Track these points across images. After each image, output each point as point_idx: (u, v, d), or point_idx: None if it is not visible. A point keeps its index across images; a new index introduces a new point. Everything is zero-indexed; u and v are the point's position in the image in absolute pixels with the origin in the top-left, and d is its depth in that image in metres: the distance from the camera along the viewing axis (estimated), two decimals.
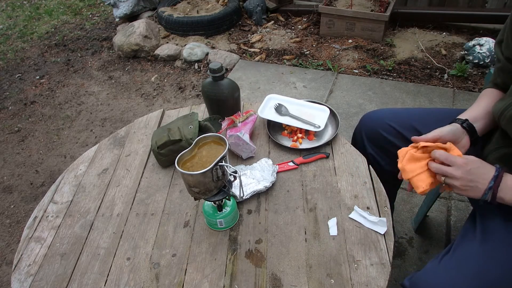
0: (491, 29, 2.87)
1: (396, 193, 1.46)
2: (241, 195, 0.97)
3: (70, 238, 1.00)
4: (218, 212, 0.95)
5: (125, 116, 2.54)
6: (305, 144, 1.20)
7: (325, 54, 2.87)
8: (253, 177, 1.07)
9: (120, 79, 2.91)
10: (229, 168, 0.87)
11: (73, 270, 0.93)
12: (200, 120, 1.17)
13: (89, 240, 0.99)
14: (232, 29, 3.22)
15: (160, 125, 1.34)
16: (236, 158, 1.18)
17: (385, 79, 2.59)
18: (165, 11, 3.20)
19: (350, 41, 2.95)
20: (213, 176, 0.83)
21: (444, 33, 2.94)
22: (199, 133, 1.12)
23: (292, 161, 1.13)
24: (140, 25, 3.05)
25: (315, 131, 1.22)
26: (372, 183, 1.06)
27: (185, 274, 0.89)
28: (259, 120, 1.29)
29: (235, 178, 0.90)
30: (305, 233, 0.95)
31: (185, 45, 3.01)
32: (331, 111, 1.27)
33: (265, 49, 2.99)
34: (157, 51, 3.01)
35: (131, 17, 3.45)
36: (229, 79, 1.21)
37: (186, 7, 3.30)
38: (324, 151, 1.16)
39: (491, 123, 0.96)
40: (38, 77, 3.01)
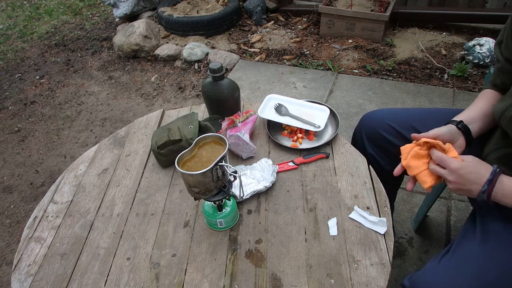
0: (491, 29, 2.87)
1: (396, 193, 1.46)
2: (241, 195, 0.97)
3: (70, 238, 1.00)
4: (218, 212, 0.95)
5: (125, 116, 2.54)
6: (305, 144, 1.20)
7: (325, 54, 2.87)
8: (253, 177, 1.07)
9: (120, 79, 2.91)
10: (229, 168, 0.87)
11: (73, 270, 0.93)
12: (200, 120, 1.17)
13: (89, 240, 0.99)
14: (232, 29, 3.22)
15: (160, 125, 1.34)
16: (236, 158, 1.18)
17: (385, 79, 2.59)
18: (165, 11, 3.20)
19: (350, 41, 2.95)
20: (213, 176, 0.83)
21: (444, 33, 2.94)
22: (199, 133, 1.12)
23: (292, 161, 1.13)
24: (140, 25, 3.05)
25: (315, 131, 1.22)
26: (372, 183, 1.06)
27: (185, 274, 0.89)
28: (259, 120, 1.29)
29: (235, 178, 0.90)
30: (305, 233, 0.95)
31: (185, 45, 3.01)
32: (331, 111, 1.27)
33: (265, 49, 2.99)
34: (157, 51, 3.01)
35: (131, 17, 3.45)
36: (229, 79, 1.21)
37: (186, 7, 3.30)
38: (324, 151, 1.16)
39: (487, 125, 0.97)
40: (38, 77, 3.01)
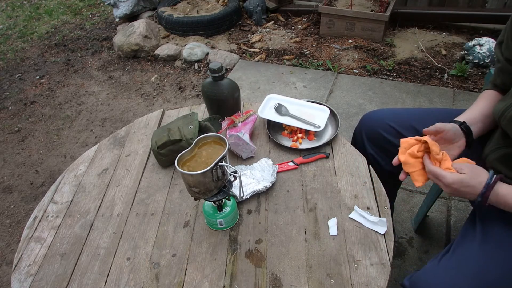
0: (491, 29, 2.87)
1: (396, 193, 1.46)
2: (241, 195, 0.97)
3: (70, 238, 1.00)
4: (218, 212, 0.95)
5: (125, 116, 2.54)
6: (305, 144, 1.20)
7: (325, 54, 2.87)
8: (253, 177, 1.07)
9: (120, 79, 2.91)
10: (229, 168, 0.87)
11: (73, 270, 0.93)
12: (200, 120, 1.17)
13: (89, 240, 0.99)
14: (232, 29, 3.22)
15: (160, 125, 1.34)
16: (236, 158, 1.18)
17: (385, 79, 2.59)
18: (165, 11, 3.20)
19: (350, 41, 2.95)
20: (213, 176, 0.83)
21: (444, 33, 2.94)
22: (199, 133, 1.12)
23: (292, 161, 1.13)
24: (140, 25, 3.05)
25: (315, 131, 1.22)
26: (372, 183, 1.06)
27: (185, 274, 0.89)
28: (259, 120, 1.29)
29: (235, 178, 0.90)
30: (305, 233, 0.95)
31: (185, 45, 3.01)
32: (331, 111, 1.27)
33: (265, 49, 2.99)
34: (157, 51, 3.01)
35: (131, 17, 3.45)
36: (229, 79, 1.21)
37: (186, 7, 3.30)
38: (324, 151, 1.16)
39: (488, 126, 0.98)
40: (38, 77, 3.01)
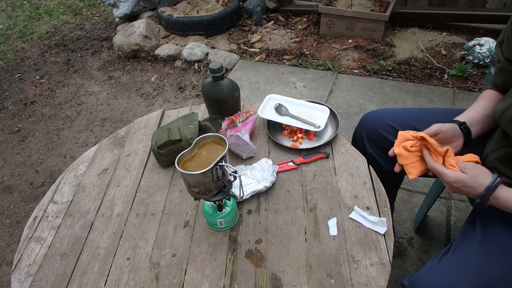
0: (491, 29, 2.87)
1: (396, 193, 1.46)
2: (241, 195, 0.97)
3: (70, 238, 1.00)
4: (218, 212, 0.95)
5: (125, 116, 2.54)
6: (305, 144, 1.20)
7: (325, 54, 2.87)
8: (253, 177, 1.07)
9: (120, 79, 2.91)
10: (229, 168, 0.87)
11: (73, 270, 0.93)
12: (200, 120, 1.17)
13: (89, 240, 0.99)
14: (232, 29, 3.22)
15: (160, 125, 1.34)
16: (236, 158, 1.18)
17: (385, 79, 2.59)
18: (165, 11, 3.20)
19: (350, 41, 2.95)
20: (213, 176, 0.83)
21: (444, 33, 2.94)
22: (199, 133, 1.12)
23: (292, 161, 1.13)
24: (140, 25, 3.05)
25: (315, 131, 1.22)
26: (372, 183, 1.06)
27: (185, 274, 0.89)
28: (259, 120, 1.29)
29: (235, 178, 0.90)
30: (305, 233, 0.95)
31: (185, 45, 3.01)
32: (331, 111, 1.27)
33: (265, 49, 2.99)
34: (157, 51, 3.01)
35: (131, 17, 3.45)
36: (229, 79, 1.21)
37: (186, 7, 3.30)
38: (324, 151, 1.16)
39: (487, 126, 0.98)
40: (38, 77, 3.01)
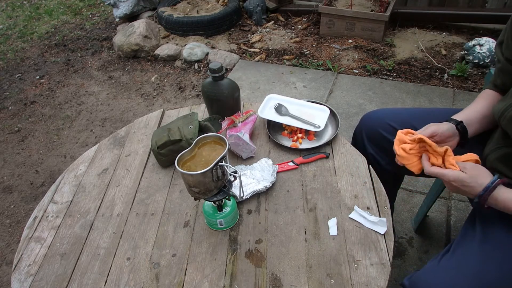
0: (491, 29, 2.87)
1: (396, 193, 1.46)
2: (241, 195, 0.97)
3: (70, 238, 1.00)
4: (218, 212, 0.95)
5: (125, 116, 2.54)
6: (305, 144, 1.20)
7: (325, 54, 2.87)
8: (253, 177, 1.07)
9: (120, 79, 2.91)
10: (229, 168, 0.87)
11: (73, 270, 0.93)
12: (200, 120, 1.17)
13: (89, 240, 0.99)
14: (232, 29, 3.22)
15: (160, 125, 1.34)
16: (236, 158, 1.18)
17: (385, 79, 2.59)
18: (165, 11, 3.20)
19: (350, 41, 2.95)
20: (213, 176, 0.83)
21: (444, 33, 2.94)
22: (199, 133, 1.12)
23: (292, 161, 1.13)
24: (140, 25, 3.05)
25: (315, 131, 1.22)
26: (372, 183, 1.06)
27: (185, 274, 0.89)
28: (259, 120, 1.29)
29: (235, 178, 0.90)
30: (305, 233, 0.95)
31: (185, 45, 3.01)
32: (331, 111, 1.27)
33: (265, 49, 2.99)
34: (157, 51, 3.01)
35: (131, 17, 3.45)
36: (229, 79, 1.21)
37: (186, 7, 3.30)
38: (324, 151, 1.16)
39: (485, 126, 0.98)
40: (38, 77, 3.01)
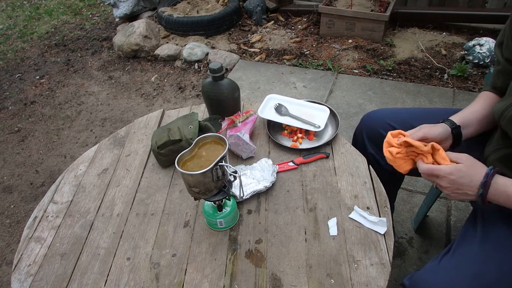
0: (491, 29, 2.87)
1: (396, 193, 1.46)
2: (241, 195, 0.97)
3: (70, 238, 1.00)
4: (218, 212, 0.95)
5: (125, 116, 2.54)
6: (305, 144, 1.20)
7: (325, 54, 2.87)
8: (253, 177, 1.07)
9: (120, 79, 2.91)
10: (229, 168, 0.87)
11: (73, 270, 0.93)
12: (200, 120, 1.17)
13: (89, 240, 0.99)
14: (232, 29, 3.22)
15: (160, 125, 1.34)
16: (236, 158, 1.18)
17: (385, 79, 2.59)
18: (165, 11, 3.20)
19: (350, 41, 2.95)
20: (213, 176, 0.83)
21: (444, 33, 2.94)
22: (199, 133, 1.12)
23: (292, 161, 1.13)
24: (140, 25, 3.05)
25: (315, 131, 1.22)
26: (372, 183, 1.06)
27: (185, 274, 0.89)
28: (259, 120, 1.29)
29: (235, 178, 0.90)
30: (305, 233, 0.95)
31: (185, 45, 3.01)
32: (331, 111, 1.27)
33: (265, 49, 2.99)
34: (157, 51, 3.01)
35: (131, 17, 3.45)
36: (229, 79, 1.21)
37: (186, 7, 3.30)
38: (324, 151, 1.16)
39: (482, 129, 0.97)
40: (38, 77, 3.01)
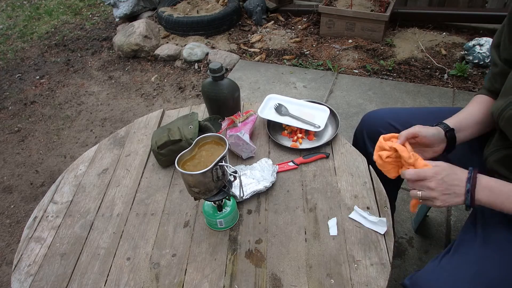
0: (491, 29, 2.87)
1: (396, 193, 1.46)
2: (241, 195, 0.97)
3: (70, 238, 1.00)
4: (218, 212, 0.95)
5: (125, 116, 2.54)
6: (305, 144, 1.20)
7: (325, 54, 2.87)
8: (253, 177, 1.07)
9: (120, 79, 2.91)
10: (229, 168, 0.87)
11: (73, 270, 0.93)
12: (200, 120, 1.17)
13: (89, 240, 0.99)
14: (232, 29, 3.22)
15: (160, 125, 1.34)
16: (236, 158, 1.18)
17: (385, 79, 2.59)
18: (165, 11, 3.20)
19: (350, 41, 2.95)
20: (213, 176, 0.83)
21: (444, 33, 2.94)
22: (199, 133, 1.12)
23: (292, 161, 1.13)
24: (140, 25, 3.05)
25: (315, 131, 1.22)
26: (372, 183, 1.06)
27: (185, 274, 0.89)
28: (259, 120, 1.29)
29: (235, 178, 0.90)
30: (305, 233, 0.95)
31: (185, 45, 3.01)
32: (331, 111, 1.27)
33: (265, 49, 2.99)
34: (157, 51, 3.01)
35: (131, 17, 3.45)
36: (229, 79, 1.21)
37: (186, 7, 3.30)
38: (324, 151, 1.16)
39: (477, 132, 0.97)
40: (38, 77, 3.01)
